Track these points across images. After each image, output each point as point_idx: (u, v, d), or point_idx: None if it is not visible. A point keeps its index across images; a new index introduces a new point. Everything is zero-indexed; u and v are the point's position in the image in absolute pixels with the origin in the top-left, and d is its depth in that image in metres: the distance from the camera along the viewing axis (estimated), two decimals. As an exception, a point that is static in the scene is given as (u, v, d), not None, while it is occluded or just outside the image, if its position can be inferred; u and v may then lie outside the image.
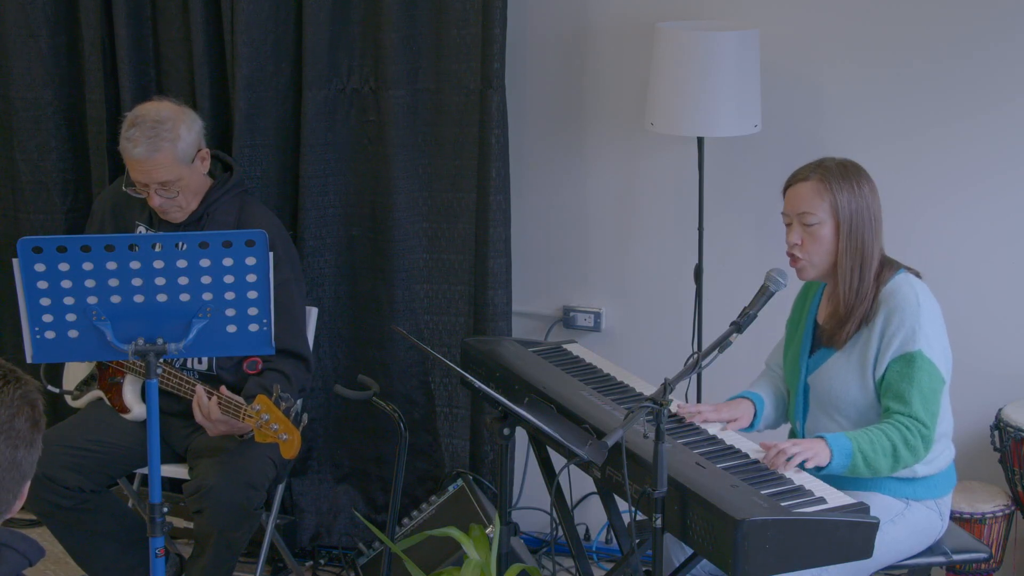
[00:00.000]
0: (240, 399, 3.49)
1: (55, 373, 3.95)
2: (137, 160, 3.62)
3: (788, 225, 3.24)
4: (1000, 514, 3.80)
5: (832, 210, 3.17)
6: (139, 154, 3.60)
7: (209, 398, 3.47)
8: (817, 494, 2.88)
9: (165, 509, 3.16)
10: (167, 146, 3.60)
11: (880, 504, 3.14)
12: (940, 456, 3.24)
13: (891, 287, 3.19)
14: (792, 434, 3.40)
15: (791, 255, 3.24)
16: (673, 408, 3.28)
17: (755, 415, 3.38)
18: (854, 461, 3.05)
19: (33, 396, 2.03)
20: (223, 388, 3.55)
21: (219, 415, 3.49)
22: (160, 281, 3.04)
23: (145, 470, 3.71)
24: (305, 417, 3.65)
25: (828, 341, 3.26)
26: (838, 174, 3.19)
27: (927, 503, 3.24)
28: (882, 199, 3.25)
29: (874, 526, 2.81)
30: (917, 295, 3.17)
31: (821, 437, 3.08)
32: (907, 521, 3.20)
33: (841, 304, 3.21)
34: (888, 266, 3.23)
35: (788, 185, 3.26)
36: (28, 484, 2.07)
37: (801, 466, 3.00)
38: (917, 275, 3.26)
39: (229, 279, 3.07)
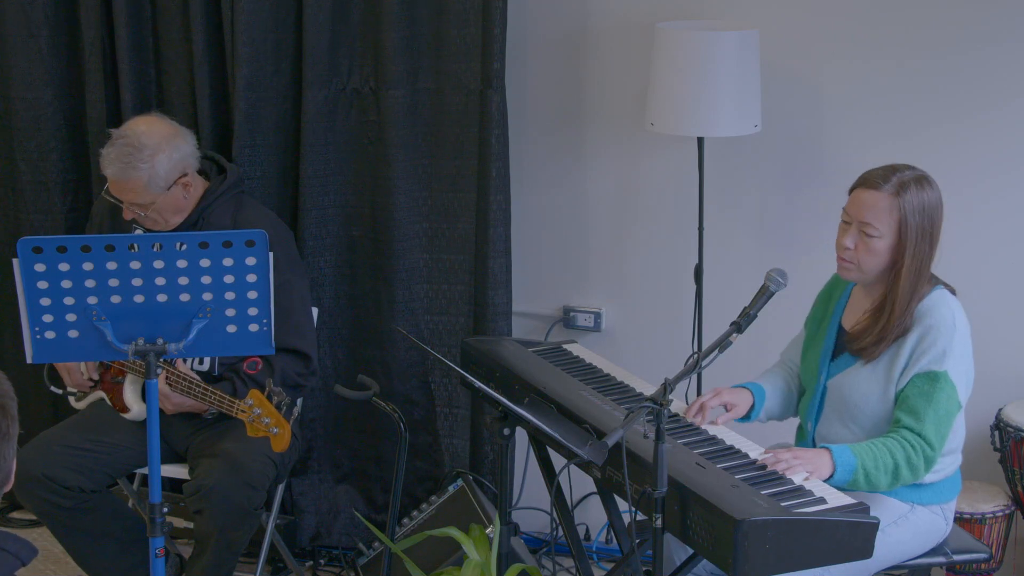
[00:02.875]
0: (196, 377, 3.54)
1: (59, 374, 3.95)
2: (108, 178, 3.66)
3: (846, 223, 3.16)
4: (1000, 514, 3.80)
5: (898, 228, 3.10)
6: (109, 174, 3.67)
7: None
8: (817, 494, 2.88)
9: (165, 509, 3.15)
10: (137, 175, 3.62)
11: (885, 506, 3.14)
12: (949, 466, 3.24)
13: (928, 304, 3.13)
14: (801, 433, 3.39)
15: (840, 256, 3.18)
16: (682, 413, 3.28)
17: (752, 407, 3.35)
18: (855, 477, 3.03)
19: (4, 400, 1.98)
20: (179, 364, 3.58)
21: (164, 388, 3.51)
22: (160, 281, 3.04)
23: (145, 470, 3.71)
24: (297, 409, 3.64)
25: (857, 352, 3.20)
26: (914, 193, 3.10)
27: (932, 508, 3.23)
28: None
29: (874, 526, 2.81)
30: (954, 316, 3.12)
31: (827, 448, 3.06)
32: (911, 524, 3.20)
33: (891, 324, 3.12)
34: (928, 280, 3.17)
35: (858, 186, 3.16)
36: (10, 483, 2.05)
37: None
38: (952, 291, 3.22)
39: (229, 279, 3.07)
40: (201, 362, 3.75)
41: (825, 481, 3.00)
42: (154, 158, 3.63)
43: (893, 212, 3.10)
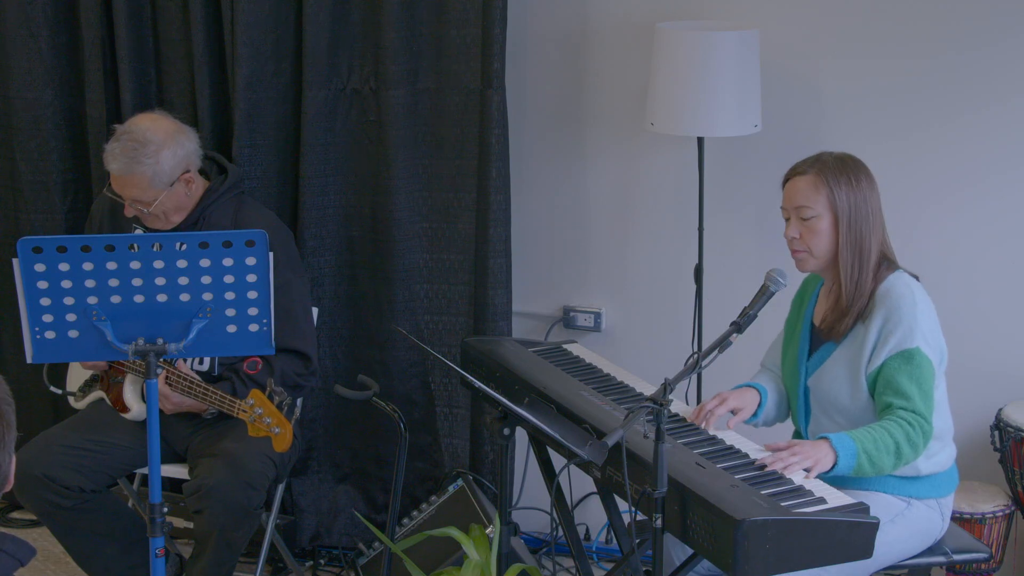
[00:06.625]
0: (196, 377, 3.55)
1: (58, 374, 3.95)
2: (112, 174, 3.67)
3: (787, 219, 3.27)
4: (1000, 514, 3.80)
5: (829, 204, 3.19)
6: (113, 170, 3.66)
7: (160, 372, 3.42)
8: (817, 494, 2.87)
9: (165, 509, 3.16)
10: (142, 170, 3.62)
11: (881, 503, 3.14)
12: (941, 453, 3.24)
13: (887, 285, 3.20)
14: (796, 436, 3.39)
15: (792, 249, 3.27)
16: (682, 413, 3.29)
17: (760, 404, 3.37)
18: (859, 462, 3.04)
19: (1, 407, 1.96)
20: (180, 364, 3.58)
21: (164, 387, 3.52)
22: (160, 281, 3.04)
23: (145, 470, 3.71)
24: (298, 409, 3.64)
25: (827, 335, 3.26)
26: (835, 168, 3.21)
27: (928, 502, 3.24)
28: (881, 198, 3.25)
29: (874, 526, 2.81)
30: (913, 293, 3.19)
31: (825, 438, 3.07)
32: (908, 521, 3.20)
33: (843, 296, 3.22)
34: (887, 266, 3.24)
35: (786, 179, 3.28)
36: (9, 483, 2.05)
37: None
38: (915, 277, 3.27)
39: (229, 279, 3.08)
40: (201, 362, 3.75)
41: (830, 470, 3.01)
42: (159, 153, 3.63)
43: (820, 188, 3.20)
